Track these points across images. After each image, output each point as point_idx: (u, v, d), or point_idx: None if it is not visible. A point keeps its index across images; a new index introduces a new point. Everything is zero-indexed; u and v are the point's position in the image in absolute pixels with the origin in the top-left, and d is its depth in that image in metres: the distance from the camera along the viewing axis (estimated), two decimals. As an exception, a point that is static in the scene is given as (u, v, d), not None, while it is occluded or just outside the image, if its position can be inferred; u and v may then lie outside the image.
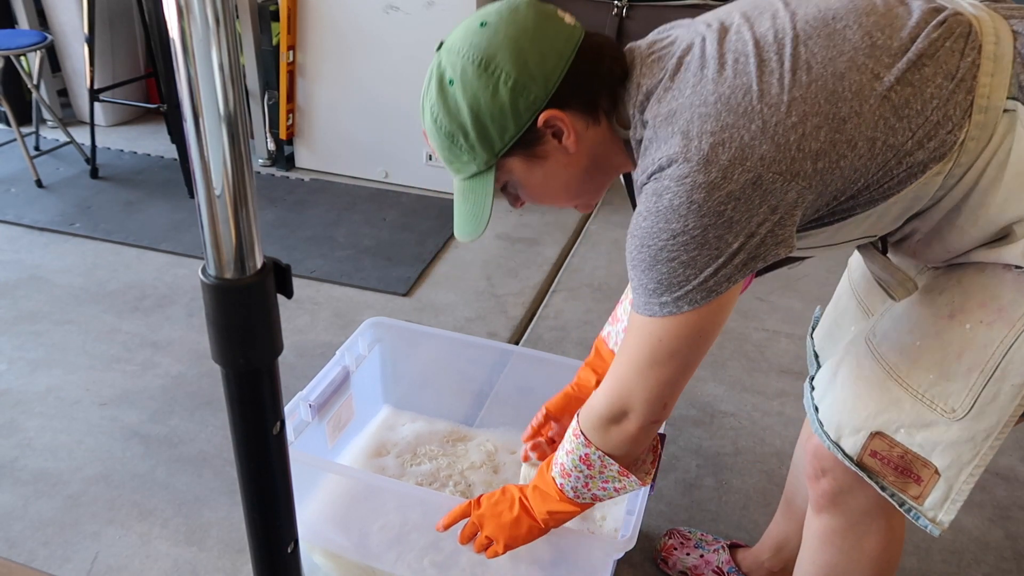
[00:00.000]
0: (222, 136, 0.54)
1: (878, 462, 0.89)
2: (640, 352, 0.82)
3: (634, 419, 0.88)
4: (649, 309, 0.79)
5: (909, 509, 0.89)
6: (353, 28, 2.75)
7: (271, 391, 0.64)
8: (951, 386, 0.82)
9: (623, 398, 0.87)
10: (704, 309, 0.77)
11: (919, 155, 0.75)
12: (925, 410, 0.84)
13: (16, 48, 2.73)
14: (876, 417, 0.88)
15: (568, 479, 0.98)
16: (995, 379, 0.80)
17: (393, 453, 1.59)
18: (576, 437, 0.95)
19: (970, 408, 0.81)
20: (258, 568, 0.74)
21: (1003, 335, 0.79)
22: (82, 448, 1.69)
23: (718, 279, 0.75)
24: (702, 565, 1.40)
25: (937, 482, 0.85)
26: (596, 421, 0.92)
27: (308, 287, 2.31)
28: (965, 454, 0.83)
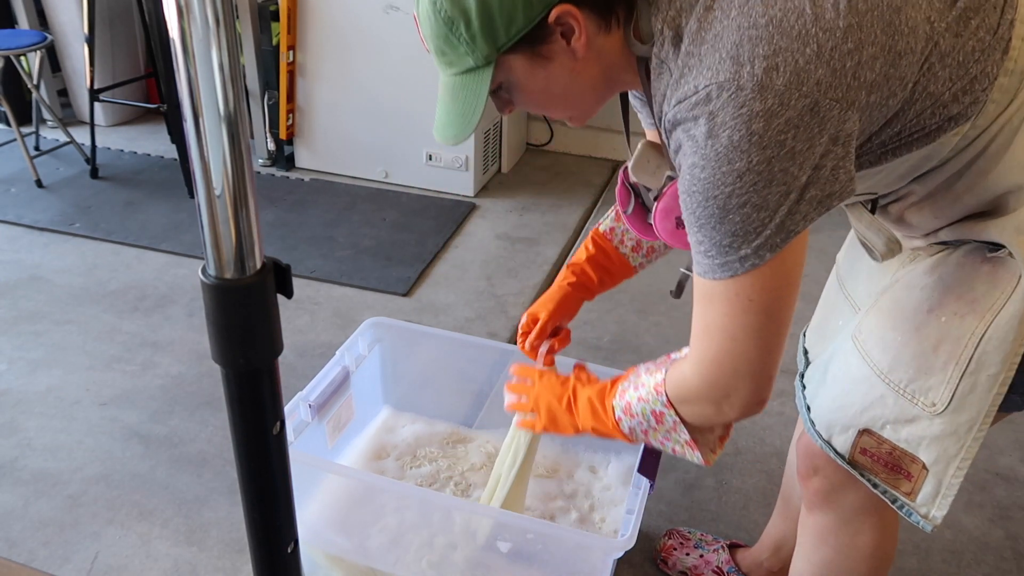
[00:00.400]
0: (222, 136, 0.53)
1: (869, 459, 0.89)
2: (732, 321, 0.75)
3: (736, 401, 0.80)
4: (729, 269, 0.72)
5: (902, 506, 0.89)
6: (353, 28, 2.75)
7: (271, 391, 0.64)
8: (930, 380, 0.82)
9: (725, 378, 0.79)
10: (787, 253, 0.71)
11: (953, 108, 0.73)
12: (908, 405, 0.84)
13: (16, 48, 2.73)
14: (863, 414, 0.88)
15: (631, 419, 0.92)
16: (971, 371, 0.80)
17: (393, 456, 1.59)
18: (659, 394, 0.88)
19: (949, 401, 0.81)
20: (258, 568, 0.74)
21: (974, 327, 0.79)
22: (82, 448, 1.69)
23: (794, 219, 0.70)
24: (702, 565, 1.40)
25: (926, 478, 0.85)
26: (688, 395, 0.84)
27: (308, 287, 2.31)
28: (950, 448, 0.83)
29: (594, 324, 2.18)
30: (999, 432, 1.83)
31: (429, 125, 3.05)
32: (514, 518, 1.20)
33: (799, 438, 1.04)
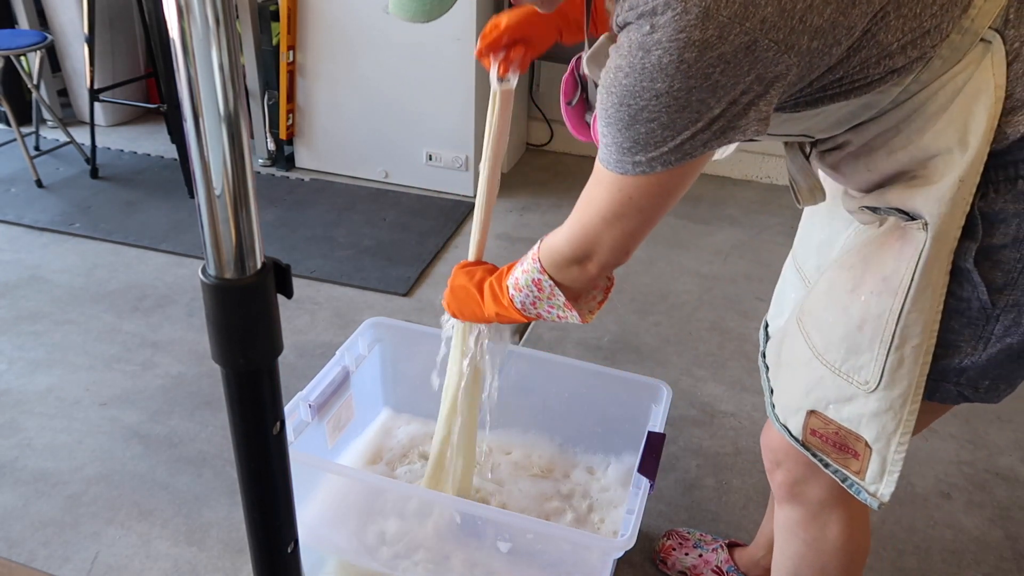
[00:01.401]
0: (222, 136, 0.53)
1: (819, 440, 0.91)
2: (608, 206, 0.82)
3: (595, 263, 0.90)
4: (621, 167, 0.78)
5: (852, 485, 0.90)
6: (353, 28, 2.75)
7: (271, 391, 0.64)
8: (860, 359, 0.84)
9: (588, 245, 0.88)
10: (677, 170, 0.76)
11: (899, 60, 0.73)
12: (845, 384, 0.86)
13: (16, 48, 2.73)
14: (808, 395, 0.90)
15: (519, 293, 1.01)
16: (896, 346, 0.81)
17: (390, 455, 1.60)
18: (534, 261, 0.97)
19: (880, 378, 0.83)
20: (258, 568, 0.74)
21: (891, 304, 0.80)
22: (82, 448, 1.69)
23: (694, 144, 0.73)
24: (701, 565, 1.40)
25: (871, 456, 0.87)
26: (557, 258, 0.94)
27: (308, 287, 2.31)
28: (888, 424, 0.84)
29: (594, 324, 2.18)
30: (999, 432, 1.84)
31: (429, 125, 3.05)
32: (514, 518, 1.20)
33: (763, 432, 1.06)
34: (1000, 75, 0.72)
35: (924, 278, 0.78)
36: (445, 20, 3.03)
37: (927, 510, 1.62)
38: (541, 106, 3.27)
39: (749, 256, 2.57)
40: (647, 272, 2.44)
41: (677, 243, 2.63)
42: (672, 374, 1.99)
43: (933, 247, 0.77)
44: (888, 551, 1.52)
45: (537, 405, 1.59)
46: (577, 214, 0.88)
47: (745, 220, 2.80)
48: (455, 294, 1.14)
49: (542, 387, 1.56)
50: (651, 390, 1.44)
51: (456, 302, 1.14)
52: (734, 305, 2.29)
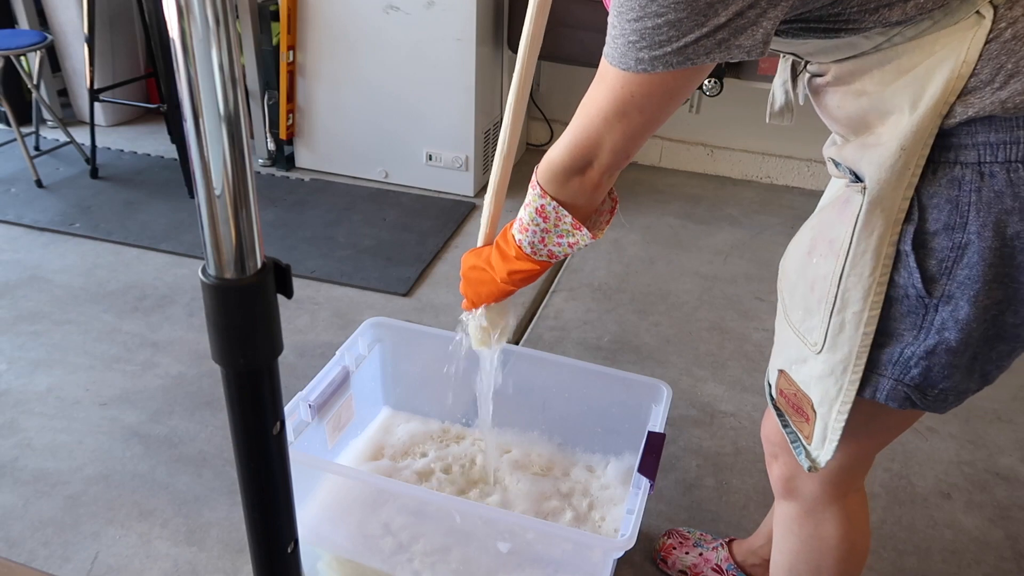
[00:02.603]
0: (222, 136, 0.53)
1: (784, 400, 0.93)
2: (611, 103, 0.81)
3: (597, 168, 0.88)
4: (625, 62, 0.77)
5: (798, 448, 0.92)
6: (353, 28, 2.75)
7: (271, 391, 0.64)
8: (812, 320, 0.85)
9: (589, 147, 0.87)
10: (678, 73, 0.76)
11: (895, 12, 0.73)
12: (801, 345, 0.88)
13: (16, 48, 2.73)
14: (779, 355, 0.93)
15: (526, 234, 0.99)
16: (837, 309, 0.82)
17: (390, 455, 1.60)
18: (533, 189, 0.95)
19: (824, 340, 0.84)
20: (258, 568, 0.74)
21: (834, 266, 0.81)
22: (82, 448, 1.69)
23: (697, 50, 0.73)
24: (701, 563, 1.40)
25: (816, 420, 0.88)
26: (557, 172, 0.92)
27: (308, 287, 2.31)
28: (831, 389, 0.85)
29: (594, 324, 2.18)
30: (999, 432, 1.84)
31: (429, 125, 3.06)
32: (515, 518, 1.20)
33: (763, 422, 1.07)
34: (974, 51, 0.72)
35: (861, 243, 0.78)
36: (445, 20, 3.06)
37: (927, 510, 1.62)
38: (541, 106, 3.27)
39: (749, 256, 2.57)
40: (647, 272, 2.44)
41: (677, 243, 2.63)
42: (672, 374, 1.99)
43: (869, 212, 0.77)
44: (888, 551, 1.52)
45: (537, 405, 1.59)
46: (578, 119, 0.87)
47: (745, 220, 2.80)
48: (466, 277, 1.12)
49: (542, 387, 1.56)
50: (651, 390, 1.44)
51: (469, 285, 1.12)
52: (734, 305, 2.29)
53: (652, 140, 3.23)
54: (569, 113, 0.98)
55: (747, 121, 3.04)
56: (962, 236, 0.74)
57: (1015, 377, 2.03)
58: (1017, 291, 0.76)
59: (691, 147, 3.20)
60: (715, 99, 2.78)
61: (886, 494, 1.65)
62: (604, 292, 2.34)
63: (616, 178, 0.93)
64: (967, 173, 0.74)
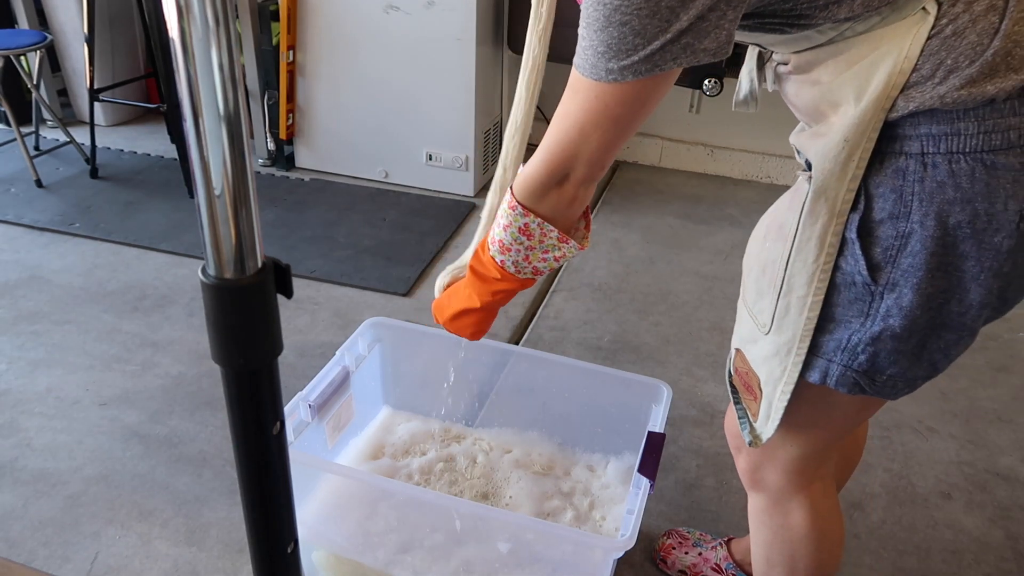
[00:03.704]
0: (222, 136, 0.53)
1: (738, 378, 0.96)
2: (585, 115, 0.82)
3: (573, 181, 0.89)
4: (596, 73, 0.78)
5: (744, 424, 0.94)
6: (353, 28, 2.75)
7: (271, 391, 0.64)
8: (763, 302, 0.88)
9: (565, 160, 0.87)
10: (648, 82, 0.77)
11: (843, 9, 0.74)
12: (753, 326, 0.90)
13: (16, 48, 2.73)
14: (735, 335, 0.96)
15: (508, 254, 0.97)
16: (784, 293, 0.84)
17: (390, 455, 1.60)
18: (513, 209, 0.94)
19: (771, 322, 0.86)
20: (258, 568, 0.74)
21: (782, 251, 0.83)
22: (82, 448, 1.69)
23: (663, 55, 0.74)
24: (700, 563, 1.40)
25: (762, 398, 0.90)
26: (535, 186, 0.91)
27: (308, 287, 2.31)
28: (775, 369, 0.87)
29: (594, 324, 2.18)
30: (999, 432, 1.84)
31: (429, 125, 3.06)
32: (514, 518, 1.20)
33: (726, 417, 1.08)
34: (915, 46, 0.73)
35: (806, 230, 0.80)
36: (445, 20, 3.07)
37: (927, 510, 1.62)
38: (541, 106, 3.27)
39: (749, 256, 2.57)
40: (647, 272, 2.44)
41: (677, 243, 2.63)
42: (672, 374, 1.99)
43: (813, 201, 0.79)
44: (888, 551, 1.52)
45: (537, 405, 1.59)
46: (552, 132, 0.87)
47: (745, 220, 2.80)
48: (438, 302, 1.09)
49: (542, 387, 1.57)
50: (651, 390, 1.44)
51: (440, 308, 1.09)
52: (734, 305, 2.28)
53: (652, 140, 3.23)
54: None
55: (747, 121, 3.04)
56: (906, 225, 0.76)
57: (1015, 377, 2.03)
58: (960, 280, 0.77)
59: (691, 147, 3.20)
60: (715, 99, 2.78)
61: (886, 494, 1.65)
62: (604, 292, 2.34)
63: (593, 191, 0.93)
64: (911, 163, 0.75)
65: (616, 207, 2.87)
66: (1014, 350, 2.13)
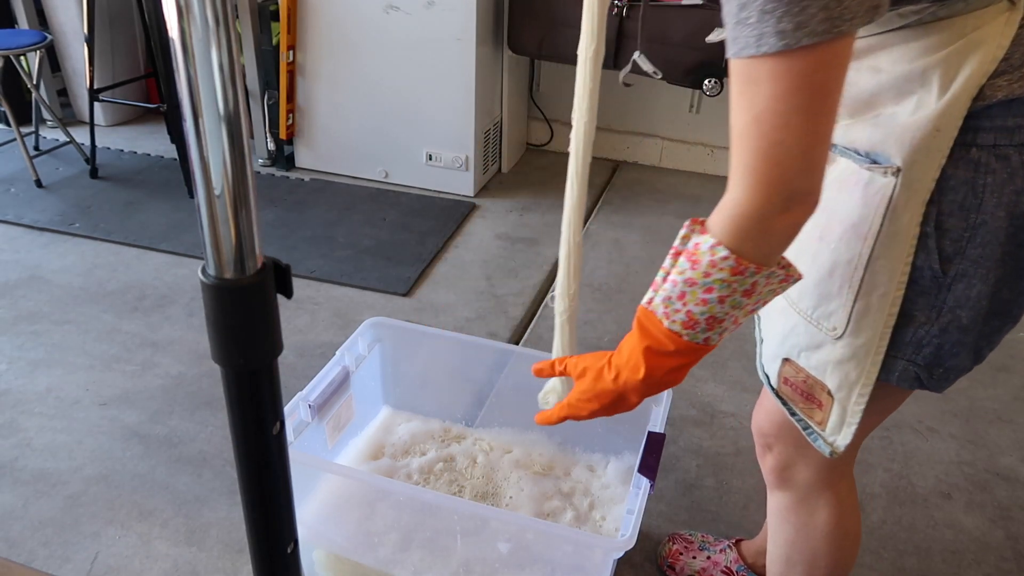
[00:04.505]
0: (222, 136, 0.53)
1: (789, 389, 0.92)
2: (785, 103, 0.65)
3: (799, 202, 0.69)
4: (767, 42, 0.63)
5: (811, 434, 0.91)
6: (353, 28, 2.75)
7: (271, 391, 0.64)
8: (830, 305, 0.84)
9: (786, 178, 0.67)
10: (827, 47, 0.63)
11: None
12: (815, 331, 0.86)
13: (16, 48, 2.73)
14: (783, 343, 0.91)
15: (710, 330, 0.78)
16: (863, 292, 0.81)
17: (390, 455, 1.60)
18: (723, 269, 0.75)
19: (846, 324, 0.83)
20: (258, 568, 0.74)
21: (860, 249, 0.80)
22: (82, 448, 1.69)
23: (841, 8, 0.61)
24: (710, 567, 1.40)
25: (833, 405, 0.87)
26: (753, 226, 0.71)
27: (308, 287, 2.31)
28: (851, 373, 0.85)
29: (594, 324, 2.18)
30: (999, 432, 1.83)
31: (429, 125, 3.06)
32: (514, 518, 1.20)
33: (754, 416, 1.07)
34: (1008, 35, 0.72)
35: (892, 225, 0.78)
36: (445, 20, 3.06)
37: (927, 510, 1.62)
38: (541, 106, 3.27)
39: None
40: (647, 272, 2.44)
41: (677, 243, 2.63)
42: (672, 374, 1.99)
43: (902, 194, 0.77)
44: (888, 551, 1.52)
45: (537, 405, 1.59)
46: (750, 147, 0.68)
47: (745, 220, 2.79)
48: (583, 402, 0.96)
49: (542, 387, 1.56)
50: (651, 390, 1.44)
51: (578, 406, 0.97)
52: (734, 305, 2.29)
53: (652, 140, 3.23)
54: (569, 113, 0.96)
55: (747, 121, 3.04)
56: (976, 216, 0.76)
57: (1015, 377, 2.03)
58: (1016, 267, 0.78)
59: (691, 147, 3.20)
60: (715, 99, 2.78)
61: (886, 494, 1.65)
62: (604, 292, 2.34)
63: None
64: (983, 155, 0.74)
65: (616, 207, 2.87)
66: (1014, 350, 2.13)
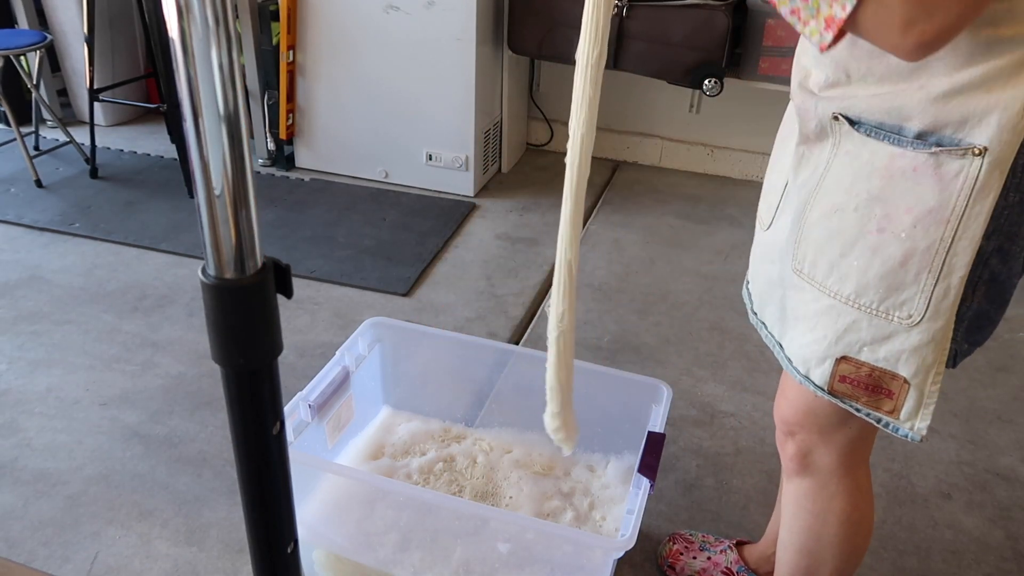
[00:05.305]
0: (222, 136, 0.53)
1: (848, 386, 0.91)
2: None
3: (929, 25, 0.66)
4: None
5: (887, 424, 0.91)
6: (353, 28, 2.75)
7: (271, 391, 0.64)
8: (903, 294, 0.84)
9: None
10: None
11: None
12: (884, 324, 0.86)
13: (16, 48, 2.73)
14: (837, 343, 0.89)
15: None
16: (944, 275, 0.81)
17: (390, 455, 1.60)
18: None
19: (925, 310, 0.83)
20: (258, 568, 0.74)
21: (941, 233, 0.80)
22: (82, 448, 1.69)
23: None
24: (711, 568, 1.40)
25: (908, 391, 0.87)
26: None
27: (308, 287, 2.31)
28: (928, 356, 0.85)
29: (594, 324, 2.18)
30: (999, 432, 1.83)
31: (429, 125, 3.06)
32: (514, 518, 1.20)
33: (776, 404, 1.06)
34: None
35: (976, 206, 0.77)
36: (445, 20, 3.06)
37: (927, 510, 1.62)
38: (541, 106, 3.27)
39: (749, 256, 2.57)
40: (647, 272, 2.44)
41: (677, 243, 2.63)
42: (672, 374, 1.99)
43: (988, 175, 0.76)
44: (888, 551, 1.52)
45: (537, 405, 1.59)
46: None
47: (745, 220, 2.80)
48: None
49: (542, 387, 1.56)
50: (651, 390, 1.44)
51: None
52: (734, 305, 2.29)
53: (652, 140, 3.23)
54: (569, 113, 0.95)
55: (747, 121, 3.04)
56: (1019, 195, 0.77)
57: (1015, 377, 2.03)
58: None
59: (691, 147, 3.20)
60: (715, 99, 2.78)
61: (886, 494, 1.65)
62: (604, 292, 2.34)
63: None
64: None
65: (616, 207, 2.87)
66: (1014, 350, 2.13)
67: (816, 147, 0.90)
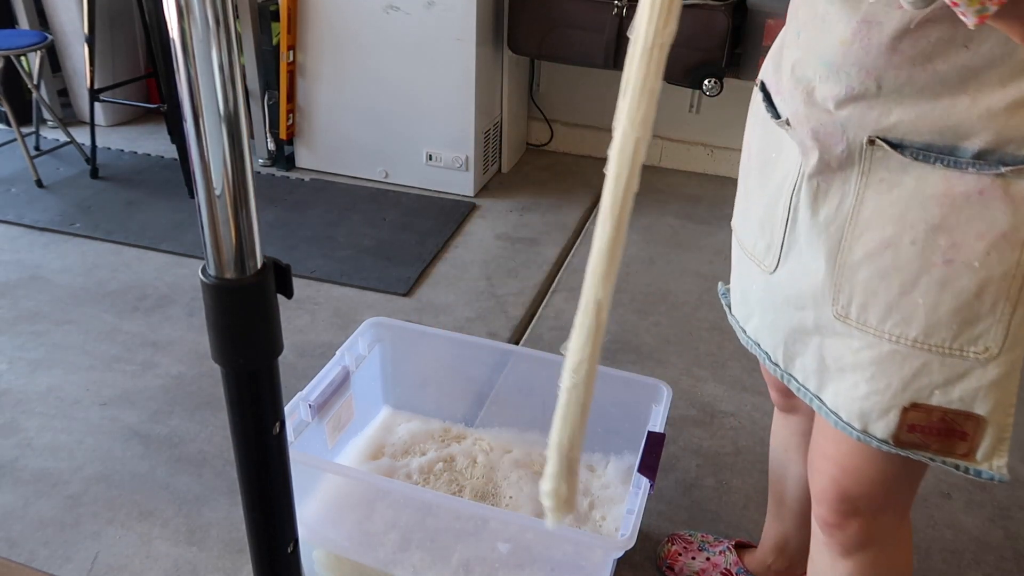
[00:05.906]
0: (222, 136, 0.54)
1: (917, 435, 0.82)
2: None
3: None
4: None
5: (965, 469, 0.84)
6: (353, 28, 2.75)
7: (271, 391, 0.64)
8: (978, 328, 0.77)
9: None
10: None
11: None
12: (958, 362, 0.78)
13: (16, 48, 2.73)
14: (904, 391, 0.81)
15: None
16: (1022, 301, 0.75)
17: (390, 455, 1.60)
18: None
19: (1004, 339, 0.76)
20: (258, 568, 0.74)
21: (1017, 257, 0.73)
22: (82, 448, 1.69)
23: None
24: (709, 568, 1.40)
25: (986, 429, 0.81)
26: None
27: (308, 287, 2.31)
28: (1008, 388, 0.79)
29: (594, 324, 2.18)
30: (999, 432, 1.83)
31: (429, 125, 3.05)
32: (514, 518, 1.20)
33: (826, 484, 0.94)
34: None
35: None
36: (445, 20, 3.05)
37: (927, 510, 1.62)
38: (541, 106, 3.27)
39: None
40: (647, 272, 2.44)
41: (677, 243, 2.63)
42: (672, 374, 1.99)
43: None
44: (888, 551, 1.52)
45: (537, 405, 1.59)
46: None
47: (745, 220, 2.80)
48: None
49: (542, 387, 1.56)
50: (651, 390, 1.44)
51: None
52: (734, 305, 2.29)
53: (652, 140, 3.21)
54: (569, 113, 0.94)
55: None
56: None
57: (1015, 377, 2.03)
58: None
59: (691, 147, 3.20)
60: (715, 99, 2.78)
61: (886, 494, 1.65)
62: (604, 292, 2.34)
63: None
64: None
65: (616, 207, 2.87)
66: (1014, 350, 2.13)
67: (838, 176, 0.81)
